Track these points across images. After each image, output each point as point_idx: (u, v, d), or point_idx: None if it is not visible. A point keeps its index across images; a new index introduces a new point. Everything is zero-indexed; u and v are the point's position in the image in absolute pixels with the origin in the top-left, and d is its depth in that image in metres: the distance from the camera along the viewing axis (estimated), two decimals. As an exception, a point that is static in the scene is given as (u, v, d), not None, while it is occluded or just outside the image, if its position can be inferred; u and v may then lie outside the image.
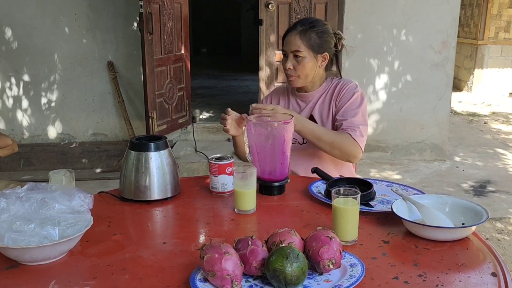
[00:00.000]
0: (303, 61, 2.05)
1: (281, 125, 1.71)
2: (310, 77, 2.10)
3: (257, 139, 1.72)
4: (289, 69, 2.06)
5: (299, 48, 2.03)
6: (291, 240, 1.23)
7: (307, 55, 2.04)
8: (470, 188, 4.33)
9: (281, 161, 1.74)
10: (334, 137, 1.97)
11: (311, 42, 2.04)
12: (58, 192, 1.37)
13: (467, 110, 7.61)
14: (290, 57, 2.06)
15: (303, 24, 2.06)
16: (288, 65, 2.06)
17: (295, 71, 2.07)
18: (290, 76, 2.08)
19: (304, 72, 2.07)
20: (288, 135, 1.73)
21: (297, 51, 2.04)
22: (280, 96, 2.27)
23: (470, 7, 8.98)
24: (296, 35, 2.04)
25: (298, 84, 2.11)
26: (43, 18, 4.70)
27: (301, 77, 2.08)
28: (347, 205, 1.38)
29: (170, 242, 1.42)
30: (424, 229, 1.38)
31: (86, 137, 5.00)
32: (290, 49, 2.05)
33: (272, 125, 1.73)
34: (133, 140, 1.74)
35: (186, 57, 4.82)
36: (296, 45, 2.04)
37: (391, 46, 4.84)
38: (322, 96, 2.16)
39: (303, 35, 2.03)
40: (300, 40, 2.03)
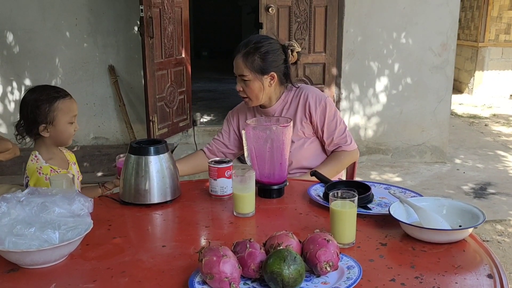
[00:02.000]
0: (249, 84, 2.07)
1: (279, 129, 1.73)
2: (260, 96, 2.12)
3: (256, 142, 1.73)
4: (240, 91, 2.09)
5: (243, 72, 2.05)
6: (289, 243, 1.24)
7: (252, 77, 2.06)
8: (471, 190, 4.34)
9: (279, 164, 1.75)
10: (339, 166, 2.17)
11: (254, 65, 2.04)
12: (58, 196, 1.38)
13: (468, 112, 7.61)
14: (238, 80, 2.08)
15: (246, 46, 2.05)
16: (237, 88, 2.09)
17: (244, 93, 2.10)
18: (242, 97, 2.12)
19: (253, 94, 2.09)
20: (287, 138, 1.74)
21: (242, 75, 2.06)
22: (247, 111, 2.28)
23: (470, 10, 8.99)
24: (240, 59, 2.05)
25: (252, 104, 2.14)
26: (44, 22, 4.73)
27: (251, 98, 2.11)
28: (344, 207, 1.40)
29: (169, 245, 1.44)
30: (421, 232, 1.39)
31: (87, 141, 5.02)
32: (236, 72, 2.07)
33: (271, 128, 1.74)
34: (133, 144, 1.75)
35: (186, 60, 4.84)
36: (240, 68, 2.05)
37: (391, 49, 4.85)
38: (284, 108, 2.19)
39: (245, 59, 2.04)
40: (244, 64, 2.05)
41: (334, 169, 2.16)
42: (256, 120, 1.86)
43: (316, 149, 2.22)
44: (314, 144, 2.21)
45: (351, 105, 4.95)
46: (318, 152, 2.23)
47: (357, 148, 2.22)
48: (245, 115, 2.28)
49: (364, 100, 4.94)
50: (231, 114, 2.34)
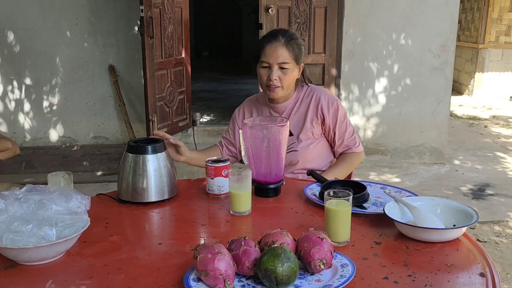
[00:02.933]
0: (288, 72, 2.07)
1: (276, 128, 1.74)
2: (291, 87, 2.15)
3: (253, 141, 1.75)
4: (275, 80, 2.06)
5: (286, 59, 2.06)
6: (283, 241, 1.25)
7: (292, 66, 2.07)
8: (469, 191, 4.35)
9: (276, 164, 1.76)
10: (349, 167, 2.19)
11: (295, 53, 2.07)
12: (56, 194, 1.40)
13: (467, 113, 7.62)
14: (275, 69, 2.06)
15: (284, 35, 2.07)
16: (274, 76, 2.06)
17: (280, 82, 2.08)
18: (274, 87, 2.08)
19: (287, 83, 2.10)
20: (284, 138, 1.75)
21: (284, 62, 2.06)
22: (252, 107, 2.28)
23: (470, 11, 9.00)
24: (283, 46, 2.05)
25: (279, 94, 2.13)
26: (45, 22, 4.74)
27: (284, 88, 2.10)
28: (339, 206, 1.41)
29: (165, 243, 1.45)
30: (415, 231, 1.40)
31: (87, 140, 5.03)
32: (276, 60, 2.05)
33: (268, 128, 1.75)
34: (131, 142, 1.76)
35: (186, 60, 4.86)
36: (283, 56, 2.05)
37: (391, 50, 4.87)
38: (295, 106, 2.20)
39: (288, 46, 2.06)
40: (287, 51, 2.06)
41: (345, 171, 2.18)
42: (253, 120, 1.87)
43: (322, 150, 2.22)
44: (321, 145, 2.21)
45: (350, 105, 4.97)
46: (325, 154, 2.23)
47: (363, 153, 2.26)
48: (251, 112, 2.28)
49: (363, 101, 4.96)
50: (237, 113, 2.33)
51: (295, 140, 2.18)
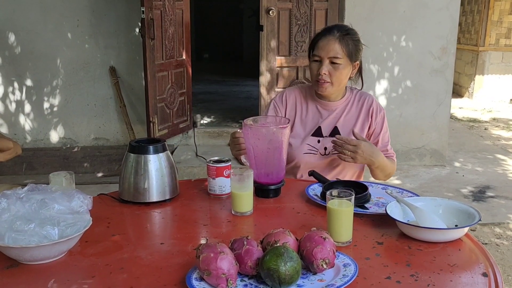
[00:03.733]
0: (339, 68, 2.00)
1: (278, 129, 1.74)
2: (342, 84, 2.07)
3: (254, 143, 1.74)
4: (324, 75, 2.00)
5: (338, 54, 1.98)
6: (286, 240, 1.25)
7: (344, 62, 2.00)
8: (470, 193, 4.35)
9: (277, 165, 1.76)
10: (391, 168, 2.11)
11: (349, 49, 2.00)
12: (58, 193, 1.39)
13: (467, 116, 7.63)
14: (326, 63, 2.00)
15: (340, 30, 2.01)
16: (323, 71, 1.99)
17: (329, 77, 2.01)
18: (323, 81, 2.01)
19: (338, 80, 2.02)
20: (285, 139, 1.75)
21: (336, 57, 1.98)
22: (297, 100, 2.19)
23: (471, 14, 9.01)
24: (336, 41, 1.98)
25: (328, 91, 2.05)
26: (46, 24, 4.75)
27: (334, 84, 2.03)
28: (341, 206, 1.41)
29: (167, 242, 1.45)
30: (417, 231, 1.40)
31: (88, 142, 5.03)
32: (327, 54, 1.99)
33: (269, 129, 1.75)
34: (132, 143, 1.76)
35: (187, 62, 4.86)
36: (335, 51, 1.98)
37: (391, 52, 4.87)
38: (347, 107, 2.14)
39: (342, 40, 1.98)
40: (340, 46, 1.98)
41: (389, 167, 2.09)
42: (253, 120, 1.83)
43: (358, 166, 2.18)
44: None
45: (351, 107, 4.95)
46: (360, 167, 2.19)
47: None
48: (295, 104, 2.17)
49: (364, 103, 4.94)
50: (279, 101, 2.19)
51: None
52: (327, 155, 2.11)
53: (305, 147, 2.13)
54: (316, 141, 2.13)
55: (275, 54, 4.75)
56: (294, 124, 2.17)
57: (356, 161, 1.95)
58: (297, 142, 2.13)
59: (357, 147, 1.91)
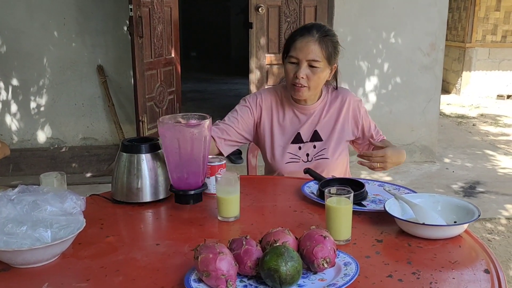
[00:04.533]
0: (317, 71, 1.89)
1: (185, 128, 1.53)
2: (319, 88, 1.98)
3: (165, 142, 1.55)
4: (301, 79, 1.89)
5: (317, 57, 1.87)
6: (285, 240, 1.23)
7: (322, 65, 1.89)
8: (460, 189, 4.36)
9: (198, 167, 1.57)
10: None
11: (329, 51, 1.89)
12: (50, 194, 1.36)
13: (455, 112, 7.67)
14: (304, 66, 1.88)
15: (319, 30, 1.88)
16: (301, 74, 1.88)
17: (307, 81, 1.90)
18: (300, 86, 1.90)
19: (316, 84, 1.92)
20: (198, 140, 1.52)
21: (315, 60, 1.87)
22: (273, 105, 2.07)
23: (457, 10, 9.06)
24: (315, 43, 1.86)
25: (305, 95, 1.95)
26: (32, 22, 4.67)
27: (311, 88, 1.92)
28: (340, 204, 1.39)
29: (163, 243, 1.42)
30: (417, 228, 1.39)
31: (76, 142, 4.96)
32: (306, 57, 1.87)
33: (175, 127, 1.54)
34: (125, 142, 1.73)
35: (176, 60, 4.82)
36: (314, 53, 1.86)
37: (381, 49, 4.87)
38: (324, 109, 2.06)
39: (322, 42, 1.87)
40: (319, 48, 1.86)
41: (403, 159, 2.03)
42: (170, 117, 1.59)
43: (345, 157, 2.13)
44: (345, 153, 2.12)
45: (341, 105, 4.95)
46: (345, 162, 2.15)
47: None
48: (270, 109, 2.06)
49: (354, 100, 4.94)
50: (253, 103, 2.06)
51: (325, 146, 2.05)
52: (309, 161, 2.04)
53: (287, 156, 2.05)
54: (297, 148, 2.06)
55: (265, 52, 4.73)
56: (273, 131, 2.06)
57: (386, 169, 1.92)
58: (278, 152, 2.05)
59: (384, 157, 1.86)
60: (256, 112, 2.08)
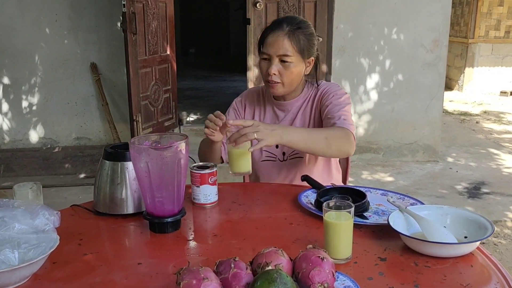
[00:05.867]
0: (290, 66, 1.82)
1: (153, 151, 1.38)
2: (295, 84, 1.90)
3: (140, 167, 1.38)
4: (273, 75, 1.82)
5: (287, 52, 1.80)
6: (278, 262, 1.10)
7: (295, 60, 1.82)
8: (464, 190, 4.24)
9: (175, 191, 1.43)
10: (326, 133, 1.71)
11: (301, 45, 1.82)
12: (20, 210, 1.23)
13: (458, 109, 7.54)
14: (275, 62, 1.82)
15: (289, 23, 1.82)
16: (272, 70, 1.82)
17: (280, 77, 1.84)
18: (273, 82, 1.84)
19: (289, 79, 1.85)
20: (170, 163, 1.38)
21: (285, 55, 1.80)
22: (255, 102, 2.03)
23: (460, 6, 8.92)
24: (284, 37, 1.80)
25: (280, 92, 1.89)
26: (23, 19, 4.54)
27: (285, 84, 1.86)
28: (340, 219, 1.26)
29: (145, 262, 1.29)
30: (424, 245, 1.26)
31: (69, 142, 4.84)
32: (276, 52, 1.81)
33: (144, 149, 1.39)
34: (108, 149, 1.60)
35: (172, 58, 4.69)
36: (284, 48, 1.80)
37: (382, 45, 4.74)
38: (303, 105, 1.96)
39: (292, 36, 1.80)
40: (289, 42, 1.80)
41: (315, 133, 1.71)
42: (144, 138, 1.47)
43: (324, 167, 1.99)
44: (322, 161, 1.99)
45: (341, 103, 4.83)
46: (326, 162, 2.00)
47: (354, 137, 1.78)
48: (253, 107, 2.02)
49: (354, 98, 4.83)
50: (239, 103, 2.05)
51: None
52: (285, 160, 1.95)
53: (263, 154, 1.98)
54: (274, 147, 1.97)
55: (263, 49, 4.59)
56: None
57: (268, 139, 1.56)
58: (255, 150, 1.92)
59: (254, 125, 1.56)
60: (241, 112, 2.06)
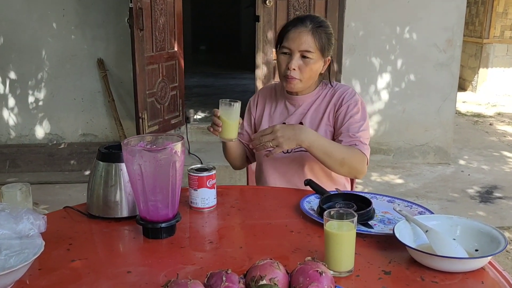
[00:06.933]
0: (310, 63, 1.80)
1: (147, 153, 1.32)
2: (311, 81, 1.87)
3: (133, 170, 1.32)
4: (293, 70, 1.81)
5: (310, 48, 1.79)
6: (274, 275, 1.03)
7: (315, 57, 1.81)
8: (476, 194, 4.13)
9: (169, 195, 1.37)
10: (345, 153, 1.74)
11: (322, 42, 1.81)
12: (4, 214, 1.17)
13: (471, 110, 7.40)
14: (296, 57, 1.80)
15: (312, 21, 1.81)
16: (293, 65, 1.80)
17: (299, 73, 1.82)
18: (291, 78, 1.82)
19: (308, 75, 1.83)
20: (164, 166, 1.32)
21: (307, 51, 1.79)
22: (267, 98, 2.03)
23: (475, 5, 8.76)
24: (308, 33, 1.79)
25: (297, 88, 1.86)
26: (30, 13, 4.50)
27: (303, 80, 1.83)
28: (341, 229, 1.19)
29: (135, 270, 1.22)
30: (432, 259, 1.18)
31: (75, 138, 4.80)
32: (298, 47, 1.79)
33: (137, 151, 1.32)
34: (102, 149, 1.54)
35: (179, 54, 4.62)
36: (307, 44, 1.79)
37: (394, 44, 4.64)
38: (315, 102, 1.92)
39: (315, 33, 1.79)
40: (313, 38, 1.79)
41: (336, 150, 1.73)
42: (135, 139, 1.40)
43: None
44: None
45: (351, 102, 4.74)
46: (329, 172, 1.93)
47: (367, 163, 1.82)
48: (265, 103, 2.02)
49: (365, 98, 4.73)
50: (252, 102, 2.07)
51: None
52: (289, 152, 1.91)
53: None
54: None
55: (272, 46, 4.50)
56: (262, 122, 2.01)
57: (283, 146, 1.65)
58: None
59: (273, 132, 1.65)
60: (253, 112, 2.07)
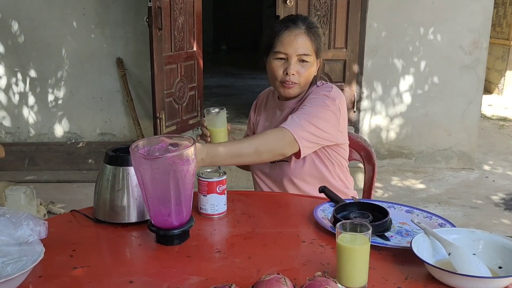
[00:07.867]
0: (308, 66, 1.74)
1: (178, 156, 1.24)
2: (307, 85, 1.81)
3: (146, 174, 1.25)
4: (292, 76, 1.73)
5: (308, 51, 1.73)
6: (280, 292, 0.97)
7: (312, 59, 1.74)
8: (501, 201, 3.99)
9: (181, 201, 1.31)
10: (256, 143, 1.58)
11: (317, 44, 1.75)
12: (3, 219, 1.13)
13: (497, 114, 7.21)
14: (294, 61, 1.72)
15: (304, 22, 1.74)
16: (292, 70, 1.72)
17: (298, 78, 1.74)
18: (290, 83, 1.74)
19: (307, 79, 1.77)
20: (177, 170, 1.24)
21: (305, 54, 1.72)
22: (264, 103, 2.00)
23: (502, 6, 8.54)
24: (304, 35, 1.72)
25: (296, 93, 1.79)
26: (50, 12, 4.51)
27: (301, 85, 1.77)
28: (355, 243, 1.12)
29: (138, 280, 1.17)
30: (452, 277, 1.10)
31: (93, 137, 4.80)
32: (296, 51, 1.71)
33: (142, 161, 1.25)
34: (109, 152, 1.50)
35: (198, 54, 4.58)
36: (305, 47, 1.72)
37: (418, 46, 4.52)
38: (296, 105, 1.82)
39: (310, 35, 1.73)
40: (309, 41, 1.73)
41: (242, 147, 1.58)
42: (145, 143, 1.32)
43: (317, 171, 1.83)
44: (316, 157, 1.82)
45: (372, 105, 4.64)
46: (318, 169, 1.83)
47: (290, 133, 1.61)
48: (262, 109, 1.99)
49: (386, 100, 4.63)
50: (253, 107, 2.06)
51: None
52: (274, 163, 1.83)
53: None
54: None
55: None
56: (258, 128, 1.98)
57: None
58: None
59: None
60: (253, 115, 2.05)
